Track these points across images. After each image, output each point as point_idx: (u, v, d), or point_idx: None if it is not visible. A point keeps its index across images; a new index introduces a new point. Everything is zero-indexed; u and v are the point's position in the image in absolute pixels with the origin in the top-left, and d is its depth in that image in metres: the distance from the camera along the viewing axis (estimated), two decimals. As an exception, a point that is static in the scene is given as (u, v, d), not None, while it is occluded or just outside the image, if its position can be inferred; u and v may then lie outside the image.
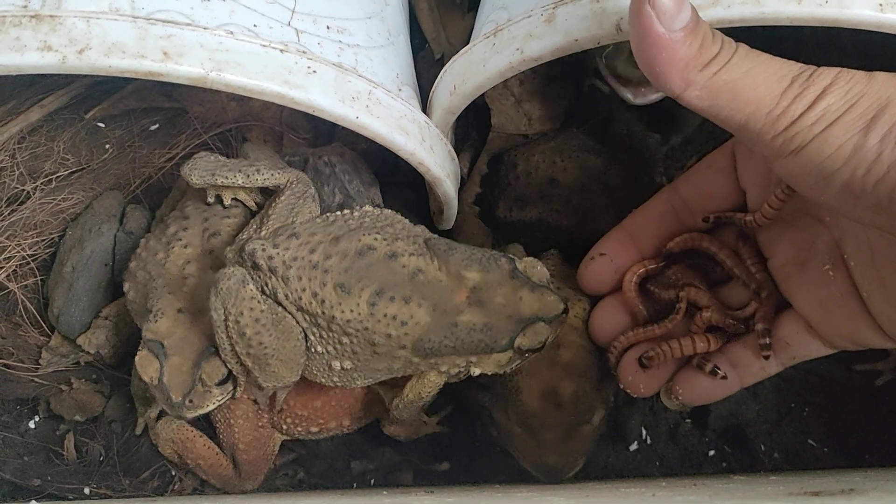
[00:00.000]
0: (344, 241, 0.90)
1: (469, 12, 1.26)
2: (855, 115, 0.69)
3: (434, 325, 0.87)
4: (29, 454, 1.10)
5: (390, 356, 0.90)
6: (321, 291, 0.88)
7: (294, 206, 0.96)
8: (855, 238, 0.80)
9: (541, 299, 0.89)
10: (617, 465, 1.10)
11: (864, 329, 0.83)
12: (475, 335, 0.87)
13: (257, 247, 0.89)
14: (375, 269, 0.88)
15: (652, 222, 0.97)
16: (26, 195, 1.11)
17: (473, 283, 0.89)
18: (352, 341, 0.89)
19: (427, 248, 0.91)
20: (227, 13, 0.85)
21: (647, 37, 0.71)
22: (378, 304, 0.87)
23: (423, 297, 0.87)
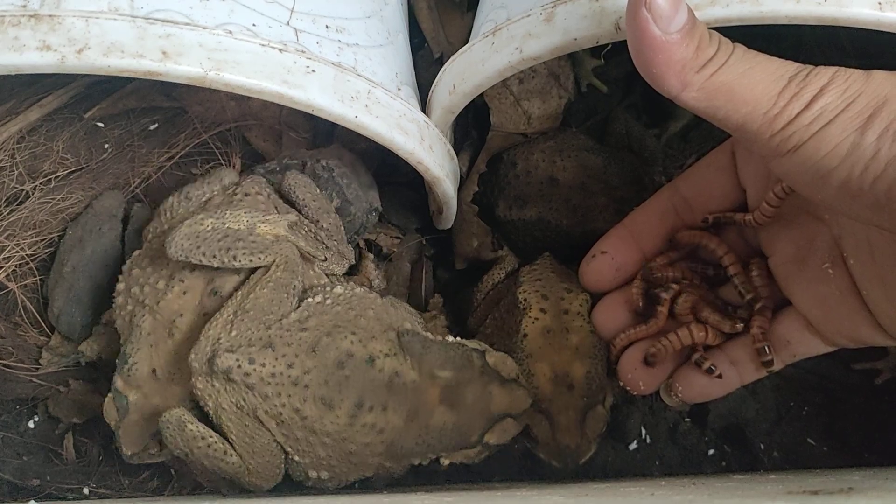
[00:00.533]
0: (321, 350, 0.89)
1: (468, 11, 1.26)
2: (852, 114, 0.69)
3: (407, 429, 0.89)
4: (28, 454, 1.10)
5: (364, 463, 0.91)
6: (303, 407, 0.87)
7: (273, 300, 0.92)
8: (854, 236, 0.80)
9: (510, 394, 0.92)
10: (616, 465, 1.11)
11: (863, 327, 0.83)
12: (447, 435, 0.90)
13: (232, 363, 0.87)
14: (354, 378, 0.88)
15: (653, 220, 0.97)
16: (25, 195, 1.11)
17: (445, 381, 0.90)
18: (328, 453, 0.90)
19: (399, 345, 0.91)
20: (226, 13, 0.85)
21: (644, 39, 0.71)
22: (358, 414, 0.88)
23: (399, 402, 0.89)
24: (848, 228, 0.81)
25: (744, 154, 0.90)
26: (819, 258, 0.85)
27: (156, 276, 0.97)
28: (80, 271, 1.09)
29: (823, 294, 0.85)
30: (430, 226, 1.20)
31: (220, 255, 0.92)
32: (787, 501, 0.61)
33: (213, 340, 0.89)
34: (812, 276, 0.85)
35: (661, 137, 1.22)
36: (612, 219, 1.11)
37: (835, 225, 0.83)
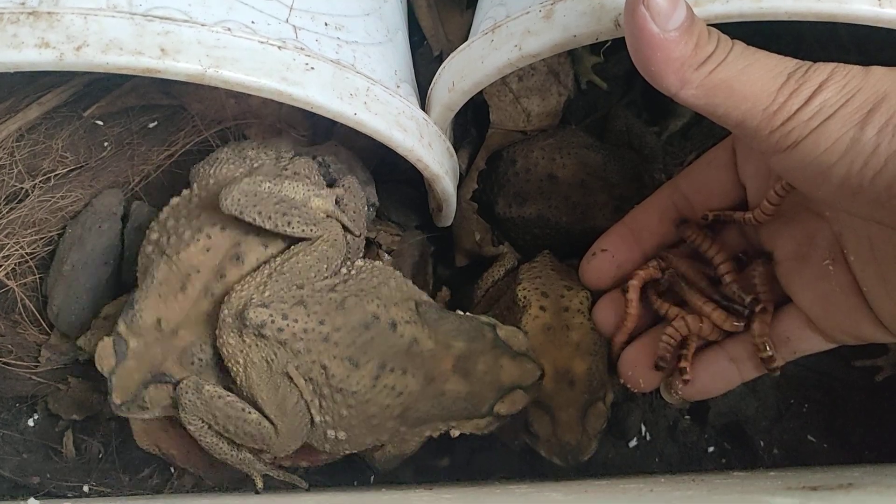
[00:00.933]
0: (349, 311, 0.90)
1: (467, 9, 1.26)
2: (851, 110, 0.69)
3: (422, 394, 0.91)
4: (28, 452, 1.10)
5: (381, 427, 0.93)
6: (331, 364, 0.89)
7: (312, 267, 0.93)
8: (855, 233, 0.80)
9: (520, 367, 0.94)
10: (616, 462, 1.11)
11: (864, 323, 0.83)
12: (459, 403, 0.92)
13: (265, 317, 0.88)
14: (378, 340, 0.91)
15: (653, 218, 0.98)
16: (25, 193, 1.11)
17: (459, 351, 0.93)
18: (350, 413, 0.91)
19: (418, 314, 0.94)
20: (225, 10, 0.85)
21: (642, 37, 0.71)
22: (381, 375, 0.90)
23: (417, 367, 0.91)
24: (848, 225, 0.81)
25: (744, 151, 0.90)
26: (820, 255, 0.85)
27: (184, 226, 0.96)
28: (79, 269, 1.09)
29: (824, 291, 0.85)
30: (430, 223, 1.20)
31: (275, 218, 0.91)
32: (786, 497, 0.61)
33: (247, 298, 0.89)
34: (813, 273, 0.85)
35: (662, 135, 1.22)
36: (612, 216, 1.11)
37: (835, 222, 0.83)
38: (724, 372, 0.93)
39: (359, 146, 1.14)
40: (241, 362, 0.90)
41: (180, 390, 0.91)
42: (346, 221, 0.99)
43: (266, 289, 0.90)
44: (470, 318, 0.96)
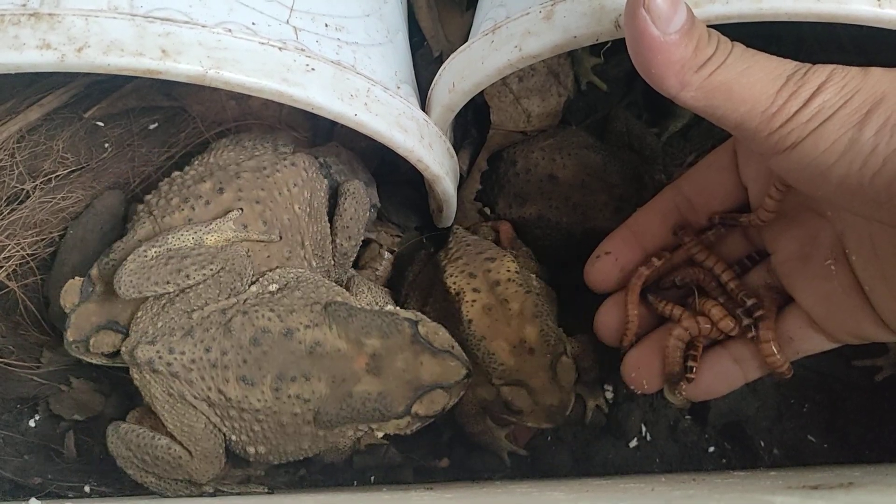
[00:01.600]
0: (236, 330, 0.90)
1: (468, 10, 1.26)
2: (850, 111, 0.69)
3: (331, 396, 0.89)
4: (29, 452, 1.10)
5: (298, 434, 0.92)
6: (225, 388, 0.89)
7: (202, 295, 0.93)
8: (856, 232, 0.81)
9: (442, 365, 0.91)
10: (617, 462, 1.11)
11: (866, 323, 0.83)
12: (369, 404, 0.90)
13: (153, 355, 0.89)
14: (273, 352, 0.89)
15: (655, 221, 0.98)
16: (26, 194, 1.11)
17: (373, 349, 0.90)
18: (262, 427, 0.91)
19: (326, 314, 0.92)
20: (226, 11, 0.85)
21: (643, 40, 0.71)
22: (281, 387, 0.89)
23: (322, 369, 0.89)
24: (850, 225, 0.81)
25: (745, 153, 0.90)
26: (822, 255, 0.85)
27: (175, 194, 0.99)
28: (80, 271, 1.09)
29: (826, 291, 0.85)
30: (430, 224, 1.20)
31: (172, 279, 0.92)
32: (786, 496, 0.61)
33: (140, 333, 0.91)
34: (815, 273, 0.86)
35: (662, 136, 1.22)
36: (612, 217, 1.11)
37: (837, 222, 0.83)
38: (728, 372, 0.93)
39: (360, 147, 1.14)
40: (147, 394, 0.92)
41: (107, 438, 0.94)
42: (256, 237, 0.98)
43: (159, 320, 0.92)
44: (386, 314, 0.93)
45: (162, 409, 0.92)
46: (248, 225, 0.97)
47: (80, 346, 0.95)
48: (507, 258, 1.05)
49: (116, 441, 0.94)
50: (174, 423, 0.92)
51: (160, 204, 0.99)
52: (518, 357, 0.98)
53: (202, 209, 0.97)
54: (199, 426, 0.92)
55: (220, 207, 0.97)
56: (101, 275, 0.96)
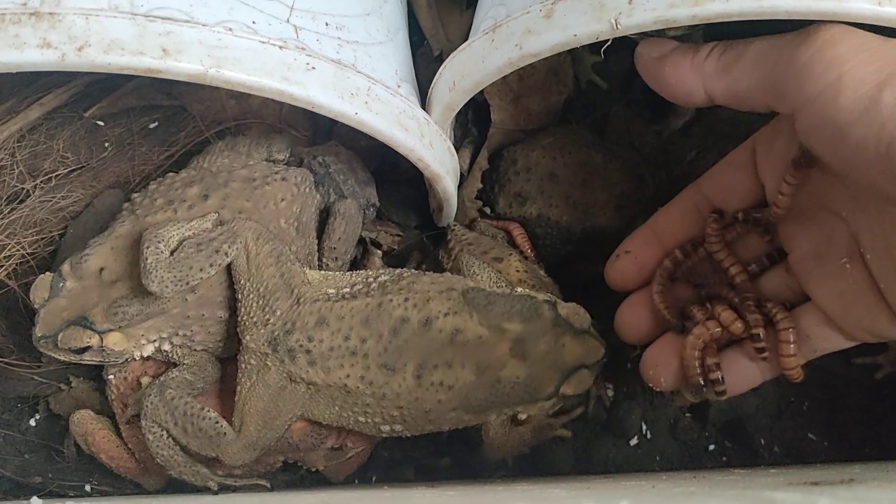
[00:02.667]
0: (374, 320, 0.91)
1: (468, 9, 1.26)
2: (870, 70, 0.70)
3: (478, 382, 0.89)
4: (30, 452, 1.10)
5: (441, 418, 0.92)
6: (367, 374, 0.90)
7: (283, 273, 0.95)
8: (871, 231, 0.81)
9: (583, 345, 0.91)
10: (618, 460, 1.11)
11: (881, 320, 0.83)
12: (518, 388, 0.90)
13: (294, 345, 0.91)
14: (413, 341, 0.90)
15: (675, 220, 0.99)
16: (26, 193, 1.11)
17: (515, 334, 0.90)
18: (402, 413, 0.92)
19: (464, 301, 0.91)
20: (226, 10, 0.85)
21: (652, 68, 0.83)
22: (423, 375, 0.89)
23: (466, 357, 0.89)
24: (864, 224, 0.82)
25: (763, 151, 0.91)
26: (837, 254, 0.85)
27: (160, 196, 0.99)
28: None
29: (842, 289, 0.85)
30: (430, 223, 1.20)
31: (213, 261, 0.93)
32: (788, 492, 0.61)
33: (262, 322, 0.93)
34: (831, 272, 0.86)
35: (663, 134, 1.22)
36: (613, 215, 1.11)
37: (852, 220, 0.84)
38: (746, 371, 0.93)
39: (360, 146, 1.14)
40: (252, 379, 0.93)
41: (144, 393, 0.94)
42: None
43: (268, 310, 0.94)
44: (525, 297, 0.93)
45: (260, 394, 0.93)
46: None
47: (49, 341, 0.94)
48: (514, 257, 1.05)
49: (157, 403, 0.94)
50: (258, 407, 0.93)
51: (144, 203, 0.99)
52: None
53: (184, 213, 0.97)
54: (283, 419, 0.94)
55: (201, 213, 0.97)
56: (73, 271, 0.95)
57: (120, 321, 0.93)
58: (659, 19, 0.76)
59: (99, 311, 0.94)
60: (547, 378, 0.90)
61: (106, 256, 0.95)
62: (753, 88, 0.81)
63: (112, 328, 0.94)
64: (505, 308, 0.91)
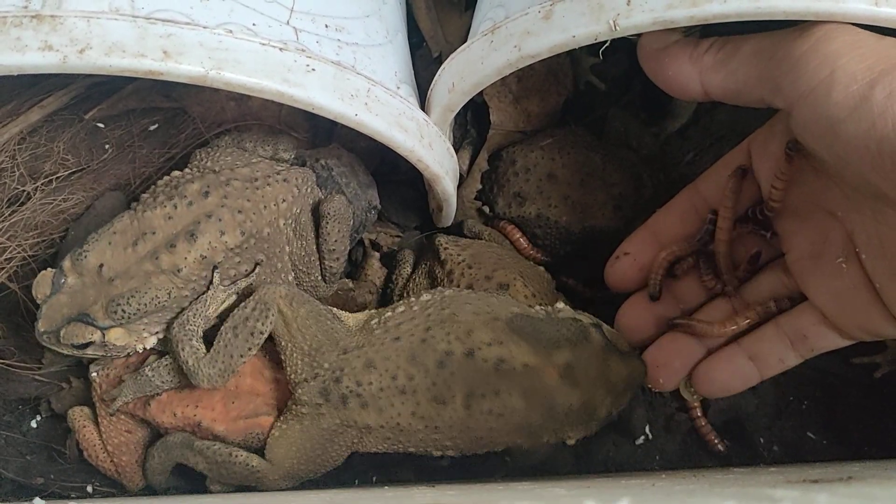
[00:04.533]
0: (420, 356, 0.91)
1: (466, 10, 1.27)
2: (862, 66, 0.71)
3: (529, 408, 0.90)
4: (31, 453, 1.10)
5: (495, 442, 0.93)
6: (418, 410, 0.91)
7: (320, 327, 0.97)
8: (865, 232, 0.82)
9: (629, 366, 0.93)
10: (618, 460, 1.11)
11: (878, 319, 0.84)
12: (572, 413, 0.90)
13: (345, 391, 0.92)
14: (459, 372, 0.90)
15: (673, 221, 0.99)
16: (27, 196, 1.11)
17: (564, 360, 0.90)
18: (455, 442, 0.93)
19: (511, 330, 0.92)
20: (227, 12, 0.85)
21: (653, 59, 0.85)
22: (472, 404, 0.89)
23: (512, 385, 0.89)
24: (859, 224, 0.83)
25: (759, 152, 0.91)
26: (833, 253, 0.86)
27: (161, 192, 0.99)
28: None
29: (838, 288, 0.86)
30: (430, 224, 1.21)
31: (251, 342, 0.95)
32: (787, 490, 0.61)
33: (312, 376, 0.94)
34: (827, 271, 0.87)
35: (660, 135, 1.22)
36: (611, 215, 1.12)
37: (847, 220, 0.84)
38: (743, 370, 0.94)
39: (359, 147, 1.15)
40: (303, 423, 0.95)
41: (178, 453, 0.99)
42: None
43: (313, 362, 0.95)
44: (570, 322, 0.94)
45: (303, 437, 0.95)
46: (226, 232, 0.96)
47: (51, 336, 0.95)
48: (519, 282, 1.05)
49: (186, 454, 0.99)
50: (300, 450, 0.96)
51: (144, 198, 1.00)
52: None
53: (183, 209, 0.97)
54: (331, 456, 0.97)
55: (201, 211, 0.97)
56: (73, 267, 0.95)
57: (120, 319, 0.94)
58: (657, 20, 0.77)
59: (99, 308, 0.94)
60: (599, 401, 0.91)
61: (105, 253, 0.95)
62: (750, 81, 0.81)
63: (113, 325, 0.94)
64: (552, 334, 0.92)
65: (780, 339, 0.92)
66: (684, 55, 0.85)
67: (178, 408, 1.00)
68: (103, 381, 1.03)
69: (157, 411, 1.01)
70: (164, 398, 1.01)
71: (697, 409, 1.09)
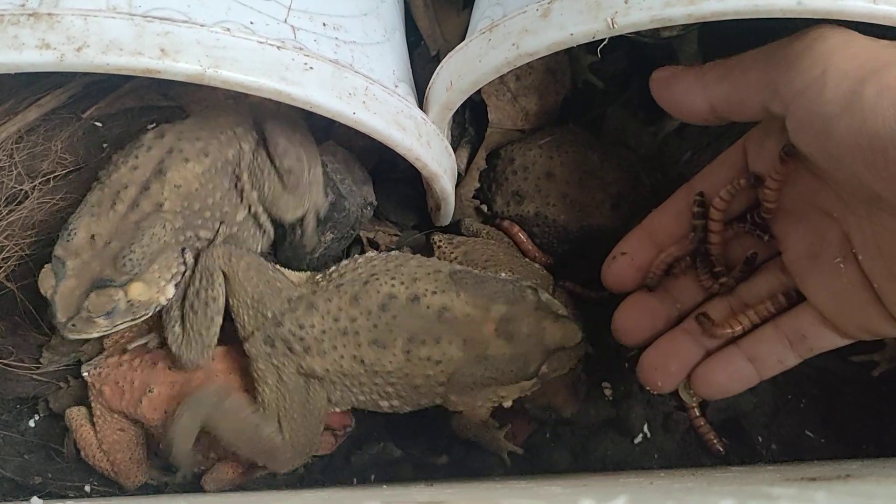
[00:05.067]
0: (363, 298, 0.94)
1: (464, 9, 1.27)
2: (855, 64, 0.71)
3: (466, 359, 0.92)
4: (29, 452, 1.10)
5: (431, 393, 0.95)
6: (359, 352, 0.93)
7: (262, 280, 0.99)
8: (861, 233, 0.82)
9: (563, 328, 0.95)
10: (616, 458, 1.11)
11: (876, 318, 0.84)
12: (505, 366, 0.93)
13: (287, 334, 0.94)
14: (401, 317, 0.93)
15: (670, 221, 0.99)
16: (24, 195, 1.11)
17: (500, 314, 0.93)
18: (395, 388, 0.94)
19: (453, 281, 0.95)
20: (224, 10, 0.85)
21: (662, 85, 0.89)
22: (412, 350, 0.92)
23: (453, 333, 0.92)
24: (855, 226, 0.83)
25: (754, 150, 0.91)
26: (831, 253, 0.86)
27: (119, 156, 1.01)
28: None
29: (836, 288, 0.86)
30: (428, 222, 1.21)
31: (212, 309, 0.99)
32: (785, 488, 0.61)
33: (255, 322, 0.97)
34: (825, 271, 0.87)
35: (658, 134, 1.22)
36: (609, 214, 1.12)
37: (843, 222, 0.84)
38: (742, 371, 0.94)
39: (357, 146, 1.14)
40: (271, 382, 0.97)
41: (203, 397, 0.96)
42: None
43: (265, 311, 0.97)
44: (511, 281, 0.97)
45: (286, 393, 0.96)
46: (190, 159, 0.99)
47: (76, 321, 0.94)
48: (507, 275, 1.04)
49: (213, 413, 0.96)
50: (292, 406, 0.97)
51: (109, 169, 1.00)
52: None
53: (144, 156, 0.99)
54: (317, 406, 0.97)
55: (161, 150, 0.99)
56: (66, 250, 0.95)
57: (131, 270, 0.94)
58: (655, 18, 0.77)
59: (109, 270, 0.95)
60: (531, 357, 0.93)
61: (90, 224, 0.96)
62: (751, 88, 0.81)
63: (130, 278, 0.95)
64: (493, 289, 0.95)
65: (779, 340, 0.92)
66: (690, 75, 0.88)
67: (170, 405, 1.00)
68: (96, 379, 1.03)
69: (149, 409, 1.01)
70: (156, 396, 1.01)
71: (696, 410, 1.10)
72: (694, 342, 0.96)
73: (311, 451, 1.01)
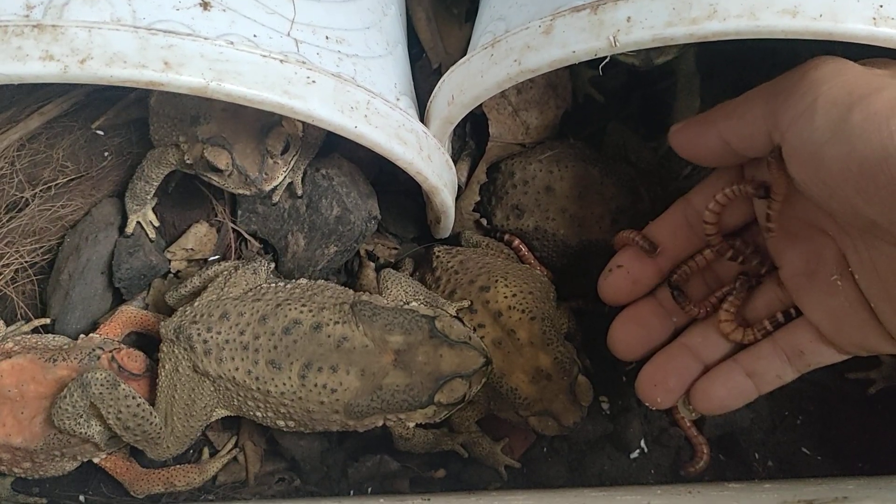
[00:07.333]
0: (270, 319, 0.98)
1: (466, 22, 1.27)
2: (844, 92, 0.72)
3: (362, 389, 0.95)
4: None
5: (326, 420, 0.97)
6: (254, 369, 0.96)
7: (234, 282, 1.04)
8: (857, 254, 0.82)
9: (460, 355, 0.96)
10: (612, 473, 1.11)
11: (874, 336, 0.84)
12: (398, 395, 0.95)
13: (193, 332, 0.98)
14: (302, 342, 0.96)
15: (666, 234, 0.99)
16: (25, 202, 1.11)
17: (397, 345, 0.96)
18: (288, 410, 0.97)
19: (353, 313, 0.97)
20: (228, 23, 0.85)
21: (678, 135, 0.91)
22: (308, 375, 0.94)
23: (350, 363, 0.95)
24: (851, 248, 0.83)
25: (752, 167, 0.91)
26: (828, 271, 0.86)
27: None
28: (75, 278, 1.10)
29: (833, 305, 0.86)
30: (427, 235, 1.21)
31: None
32: (782, 510, 0.61)
33: (182, 315, 1.00)
34: (822, 289, 0.87)
35: (658, 150, 1.22)
36: (608, 229, 1.12)
37: (839, 241, 0.84)
38: (741, 387, 0.94)
39: (358, 157, 1.15)
40: (168, 368, 1.00)
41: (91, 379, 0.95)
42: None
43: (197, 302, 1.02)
44: (406, 311, 0.99)
45: (177, 382, 0.99)
46: None
47: (267, 170, 1.02)
48: (500, 283, 1.06)
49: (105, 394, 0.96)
50: (181, 396, 0.99)
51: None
52: (537, 385, 0.99)
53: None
54: (201, 404, 1.00)
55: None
56: (222, 124, 1.00)
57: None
58: (656, 37, 0.77)
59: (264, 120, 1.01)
60: (424, 386, 0.95)
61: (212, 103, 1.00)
62: (757, 119, 0.82)
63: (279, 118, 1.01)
64: (387, 320, 0.97)
65: (777, 355, 0.92)
66: (700, 118, 0.89)
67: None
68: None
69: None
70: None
71: (686, 420, 1.10)
72: (692, 357, 0.97)
73: (188, 444, 1.03)
